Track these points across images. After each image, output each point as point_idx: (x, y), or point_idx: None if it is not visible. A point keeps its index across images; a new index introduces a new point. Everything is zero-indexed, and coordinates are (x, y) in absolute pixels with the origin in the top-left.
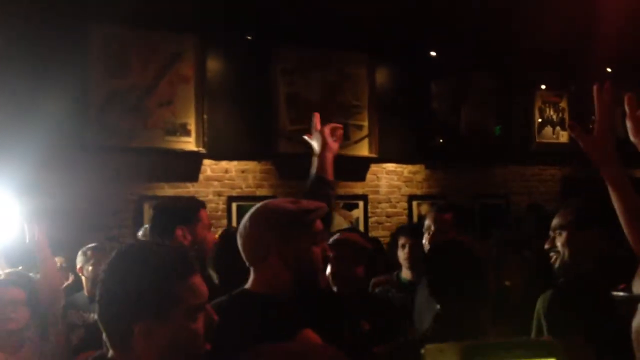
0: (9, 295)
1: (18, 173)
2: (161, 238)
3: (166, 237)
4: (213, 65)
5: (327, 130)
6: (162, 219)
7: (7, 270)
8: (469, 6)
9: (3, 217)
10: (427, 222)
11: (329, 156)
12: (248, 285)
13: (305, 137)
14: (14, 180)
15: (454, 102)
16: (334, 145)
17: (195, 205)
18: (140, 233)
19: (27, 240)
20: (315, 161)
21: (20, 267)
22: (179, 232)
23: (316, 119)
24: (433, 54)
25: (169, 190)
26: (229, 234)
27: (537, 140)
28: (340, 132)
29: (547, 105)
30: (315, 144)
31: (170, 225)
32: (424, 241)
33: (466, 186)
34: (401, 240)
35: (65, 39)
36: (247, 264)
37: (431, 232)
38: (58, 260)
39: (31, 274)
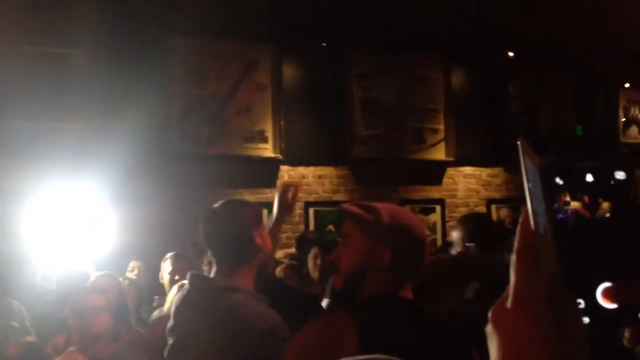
0: (91, 302)
1: (108, 181)
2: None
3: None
4: (289, 72)
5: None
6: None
7: (99, 273)
8: (547, 4)
9: (97, 224)
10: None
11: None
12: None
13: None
14: (105, 188)
15: (532, 103)
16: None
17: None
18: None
19: None
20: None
21: (106, 272)
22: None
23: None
24: (511, 54)
25: (248, 196)
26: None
27: (622, 140)
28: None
29: (632, 104)
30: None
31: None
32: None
33: None
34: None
35: (147, 51)
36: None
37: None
38: (136, 265)
39: (120, 279)
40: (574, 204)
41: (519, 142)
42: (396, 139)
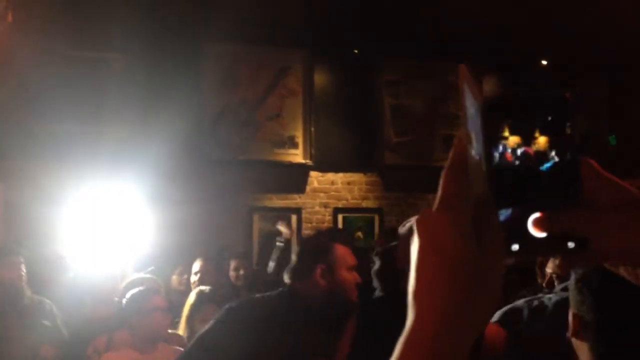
0: (153, 303)
1: (143, 185)
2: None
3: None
4: (320, 78)
5: None
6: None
7: (140, 274)
8: (579, 13)
9: (136, 225)
10: None
11: None
12: None
13: None
14: (140, 191)
15: None
16: None
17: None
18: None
19: None
20: None
21: (152, 267)
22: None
23: None
24: (544, 62)
25: (277, 201)
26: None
27: None
28: None
29: None
30: None
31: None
32: None
33: None
34: None
35: (181, 57)
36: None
37: None
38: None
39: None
40: (512, 138)
41: (459, 68)
42: (426, 147)
